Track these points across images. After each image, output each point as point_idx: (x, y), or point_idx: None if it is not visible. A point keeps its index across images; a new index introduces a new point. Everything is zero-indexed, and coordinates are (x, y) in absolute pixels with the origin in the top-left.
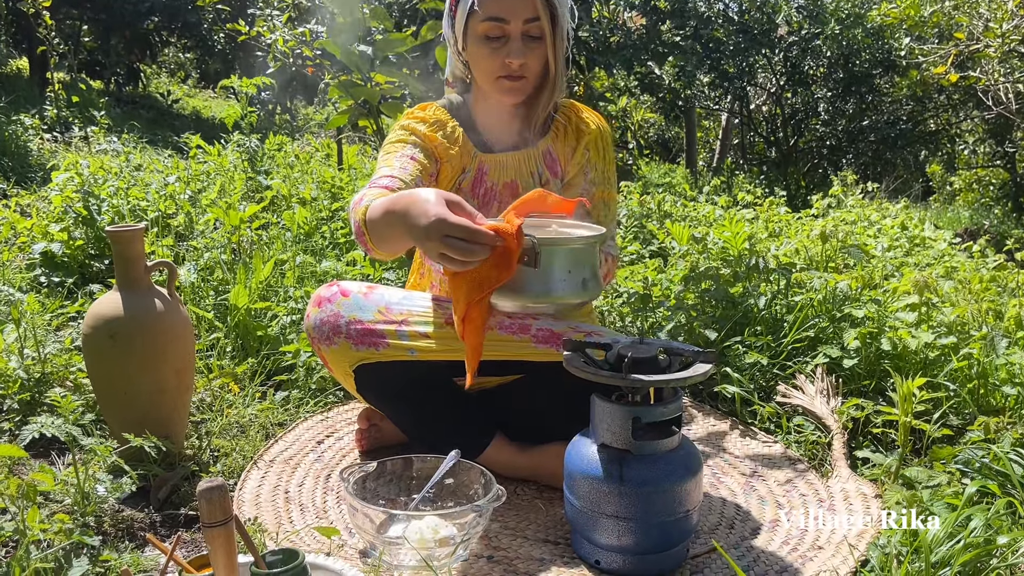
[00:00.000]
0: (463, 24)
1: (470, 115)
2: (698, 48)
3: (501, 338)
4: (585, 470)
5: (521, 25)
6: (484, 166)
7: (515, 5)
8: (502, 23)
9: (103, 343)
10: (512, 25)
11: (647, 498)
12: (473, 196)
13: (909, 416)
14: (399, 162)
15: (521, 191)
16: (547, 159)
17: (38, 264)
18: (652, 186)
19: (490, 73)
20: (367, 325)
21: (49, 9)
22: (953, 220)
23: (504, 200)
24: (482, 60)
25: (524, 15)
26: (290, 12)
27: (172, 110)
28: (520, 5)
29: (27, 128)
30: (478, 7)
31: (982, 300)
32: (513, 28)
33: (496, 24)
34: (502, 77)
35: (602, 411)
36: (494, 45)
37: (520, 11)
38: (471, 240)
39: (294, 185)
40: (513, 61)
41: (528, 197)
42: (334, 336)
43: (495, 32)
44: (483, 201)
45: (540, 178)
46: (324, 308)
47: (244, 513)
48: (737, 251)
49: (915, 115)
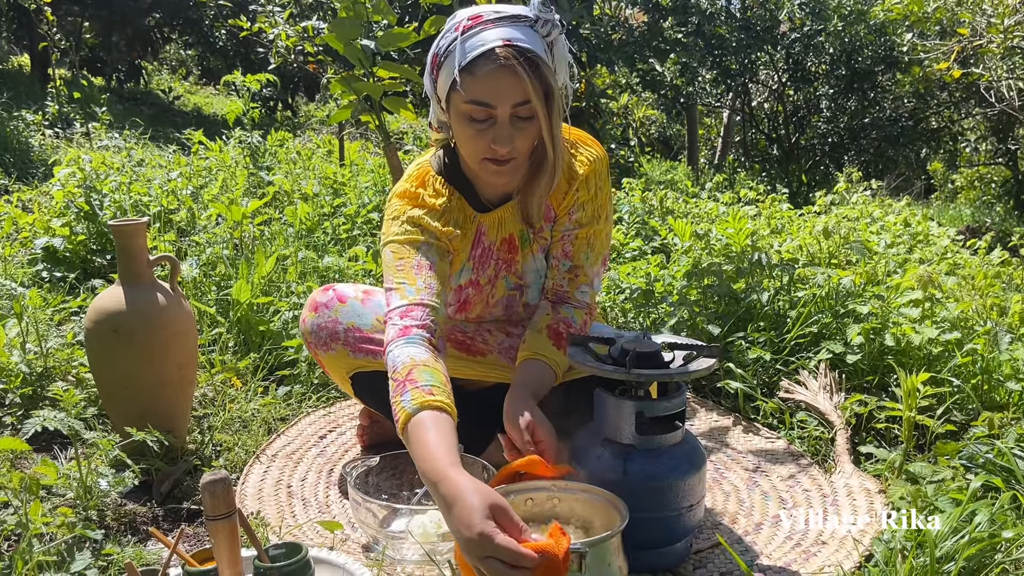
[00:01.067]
0: (445, 92)
1: (464, 174)
2: (700, 45)
3: (501, 363)
4: (589, 465)
5: (509, 109)
6: (482, 227)
7: (502, 88)
8: (487, 108)
9: (106, 337)
10: (499, 109)
11: (651, 493)
12: (471, 259)
13: (913, 412)
14: (421, 278)
15: (517, 243)
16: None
17: (40, 259)
18: (654, 183)
19: (475, 154)
20: (366, 333)
21: (51, 6)
22: (955, 218)
23: (501, 257)
24: (466, 140)
25: (512, 99)
26: (292, 8)
27: (173, 107)
28: (508, 88)
29: (29, 124)
30: (461, 87)
31: (986, 296)
32: (500, 112)
33: (481, 108)
34: (487, 160)
35: (606, 406)
36: (479, 127)
37: (508, 95)
38: (514, 564)
39: (296, 181)
40: (500, 148)
41: (521, 464)
42: (332, 342)
43: (480, 115)
44: (479, 262)
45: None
46: (321, 313)
47: (247, 507)
48: (740, 247)
49: (917, 112)
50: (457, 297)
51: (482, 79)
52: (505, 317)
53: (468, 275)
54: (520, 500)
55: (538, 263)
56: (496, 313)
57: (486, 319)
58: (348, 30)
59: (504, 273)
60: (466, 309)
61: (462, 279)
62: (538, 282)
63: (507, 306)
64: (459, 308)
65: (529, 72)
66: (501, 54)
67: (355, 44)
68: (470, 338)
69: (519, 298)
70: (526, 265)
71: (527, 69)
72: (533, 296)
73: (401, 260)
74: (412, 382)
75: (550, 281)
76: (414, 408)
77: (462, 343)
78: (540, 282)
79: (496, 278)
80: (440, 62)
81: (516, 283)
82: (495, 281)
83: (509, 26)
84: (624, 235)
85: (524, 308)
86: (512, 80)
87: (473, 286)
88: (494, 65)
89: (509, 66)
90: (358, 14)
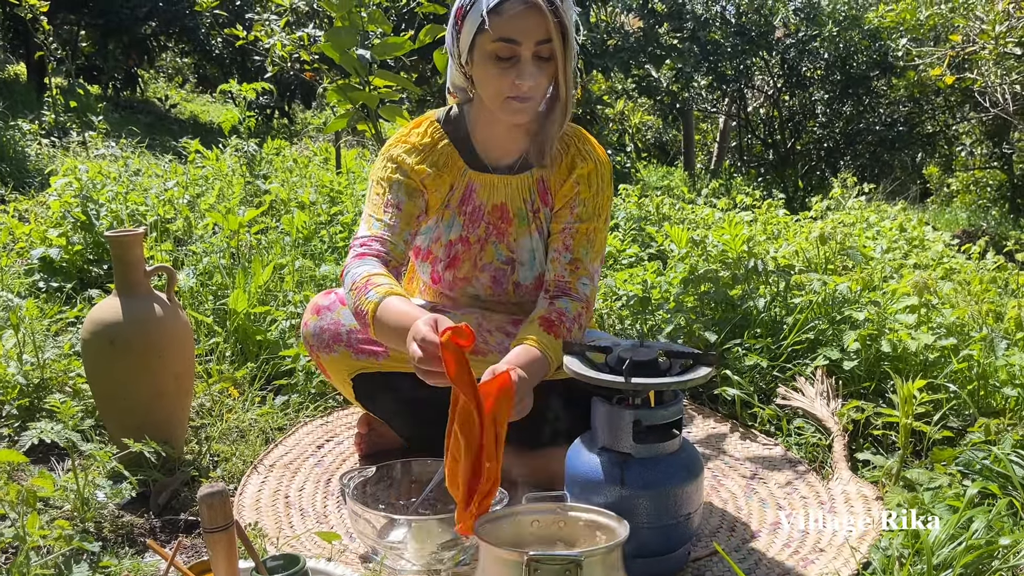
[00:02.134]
0: (470, 39)
1: (467, 129)
2: (695, 50)
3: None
4: (586, 474)
5: (533, 47)
6: (473, 184)
7: (528, 26)
8: (513, 44)
9: (102, 348)
10: (523, 46)
11: (648, 501)
12: (461, 214)
13: (910, 418)
14: (387, 215)
15: (511, 215)
16: (540, 187)
17: (37, 269)
18: (650, 189)
19: (498, 94)
20: (368, 335)
21: (47, 14)
22: (951, 221)
23: (493, 222)
24: (490, 80)
25: (536, 36)
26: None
27: (170, 115)
28: (533, 26)
29: (25, 133)
30: (488, 27)
31: (982, 301)
32: (524, 49)
33: (507, 45)
34: (510, 98)
35: (603, 414)
36: (503, 66)
37: (533, 32)
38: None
39: (293, 189)
40: (523, 83)
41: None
42: (334, 344)
43: (505, 53)
44: (470, 219)
45: (531, 204)
46: (323, 316)
47: (244, 518)
48: (736, 253)
49: (912, 117)
50: (447, 252)
51: (509, 19)
52: (493, 290)
53: (458, 231)
54: (527, 521)
55: (533, 243)
56: (484, 280)
57: (473, 283)
58: (344, 39)
59: (494, 239)
60: (455, 265)
61: (452, 234)
62: (531, 263)
63: (496, 278)
64: (448, 264)
65: (550, 11)
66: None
67: (351, 53)
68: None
69: (509, 273)
70: (521, 240)
71: (552, 5)
72: (524, 275)
73: (376, 196)
74: (372, 284)
75: (551, 274)
76: (379, 296)
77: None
78: (533, 263)
79: (486, 241)
80: (465, 11)
81: (507, 256)
82: (484, 244)
83: None
84: (621, 241)
85: (515, 288)
86: (538, 18)
87: (463, 242)
88: (522, 5)
89: (535, 5)
90: (354, 23)
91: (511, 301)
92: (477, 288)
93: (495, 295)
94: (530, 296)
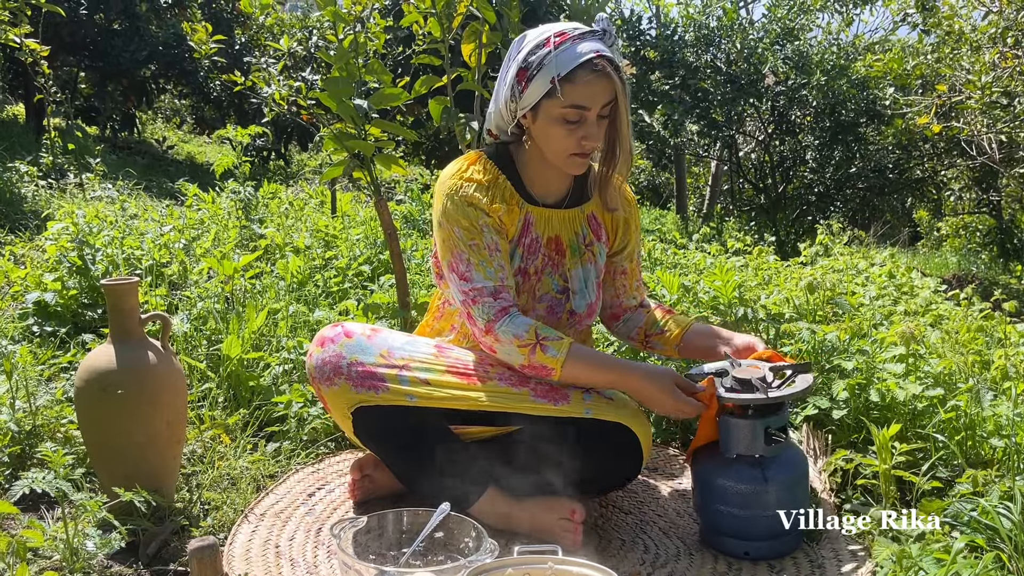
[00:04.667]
0: (535, 100)
1: (514, 166)
2: (686, 97)
3: (500, 390)
4: (735, 480)
5: (599, 109)
6: (530, 217)
7: (597, 91)
8: (583, 110)
9: (95, 396)
10: (592, 111)
11: (785, 492)
12: (521, 246)
13: (888, 465)
14: (494, 260)
15: (564, 247)
16: (592, 223)
17: (31, 313)
18: (643, 232)
19: (563, 151)
20: (368, 367)
21: (47, 58)
22: (941, 265)
23: (548, 254)
24: (556, 139)
25: (603, 100)
26: (285, 60)
27: (167, 156)
28: (601, 92)
29: (22, 175)
30: (561, 94)
31: (968, 352)
32: (591, 113)
33: (576, 111)
34: (575, 155)
35: (738, 427)
36: (571, 127)
37: (601, 98)
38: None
39: (288, 233)
40: (589, 143)
41: (762, 355)
42: (335, 376)
43: (574, 117)
44: (528, 250)
45: (584, 239)
46: (327, 348)
47: (235, 569)
48: (727, 300)
49: (901, 163)
50: None
51: (582, 86)
52: (548, 320)
53: (518, 262)
54: (518, 574)
55: (586, 273)
56: (540, 311)
57: (530, 314)
58: (341, 88)
59: (550, 270)
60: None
61: (513, 266)
62: (583, 291)
63: (551, 308)
64: None
65: (617, 76)
66: (599, 64)
67: (348, 103)
68: (472, 369)
69: (564, 303)
70: (574, 272)
71: (618, 76)
72: (578, 304)
73: (473, 242)
74: (544, 339)
75: (638, 299)
76: (563, 351)
77: (464, 373)
78: (586, 291)
79: (542, 272)
80: (532, 75)
81: (562, 286)
82: (541, 275)
83: (592, 40)
84: None
85: (569, 316)
86: (606, 84)
87: (522, 274)
88: (593, 74)
89: (606, 73)
90: (351, 73)
91: (564, 330)
92: (533, 319)
93: (549, 324)
94: (580, 325)
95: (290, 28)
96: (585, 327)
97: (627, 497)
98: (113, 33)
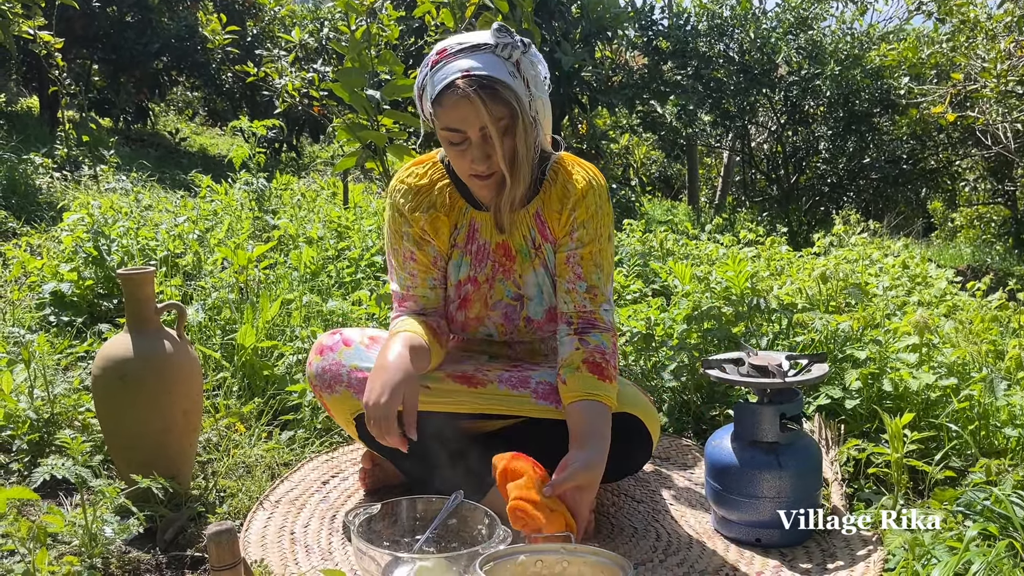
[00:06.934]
0: (430, 121)
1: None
2: (699, 88)
3: (500, 392)
4: (749, 465)
5: (477, 132)
6: (475, 223)
7: (466, 115)
8: (459, 132)
9: (112, 384)
10: (469, 132)
11: (799, 479)
12: (467, 253)
13: (900, 454)
14: (407, 268)
15: (514, 252)
16: (537, 221)
17: (48, 303)
18: (655, 223)
19: (462, 172)
20: (368, 374)
21: (61, 50)
22: (955, 256)
23: (498, 260)
24: (454, 161)
25: (478, 124)
26: (297, 52)
27: (180, 148)
28: (471, 116)
29: (37, 167)
30: (435, 118)
31: (983, 341)
32: (472, 135)
33: (455, 133)
34: (473, 176)
35: (753, 413)
36: (458, 148)
37: (473, 121)
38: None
39: (301, 224)
40: (476, 166)
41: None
42: (335, 384)
43: (455, 139)
44: (476, 258)
45: (532, 241)
46: (326, 356)
47: (250, 555)
48: (739, 290)
49: (915, 153)
50: (458, 293)
51: (448, 109)
52: (505, 328)
53: (467, 270)
54: (531, 561)
55: (539, 277)
56: (495, 319)
57: (485, 323)
58: (353, 79)
59: (502, 276)
60: (466, 306)
61: (461, 274)
62: (539, 296)
63: (507, 315)
64: (460, 305)
65: (486, 99)
66: (460, 85)
67: (360, 93)
68: (471, 373)
69: (519, 310)
70: (526, 277)
71: (483, 97)
72: (534, 311)
73: (394, 247)
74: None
75: (570, 306)
76: (399, 329)
77: (463, 377)
78: (541, 297)
79: (493, 279)
80: (420, 95)
81: (516, 292)
82: (492, 282)
83: (469, 56)
84: (625, 277)
85: (526, 323)
86: (472, 108)
87: (472, 282)
88: (456, 97)
89: (466, 96)
90: (363, 64)
91: (523, 339)
92: (489, 327)
93: (507, 332)
94: (541, 331)
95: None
96: (548, 333)
97: (639, 486)
98: (126, 25)
